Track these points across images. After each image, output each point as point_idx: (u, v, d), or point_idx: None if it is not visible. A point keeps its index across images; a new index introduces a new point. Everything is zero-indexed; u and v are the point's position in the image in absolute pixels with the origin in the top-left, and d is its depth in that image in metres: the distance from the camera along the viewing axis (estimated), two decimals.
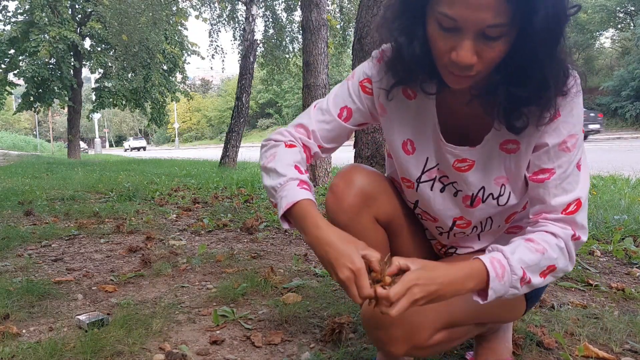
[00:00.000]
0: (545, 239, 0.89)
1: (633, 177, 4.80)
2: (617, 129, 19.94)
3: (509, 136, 0.93)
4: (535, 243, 0.88)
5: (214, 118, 51.67)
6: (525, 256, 0.86)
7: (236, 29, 11.11)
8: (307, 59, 5.45)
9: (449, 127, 0.99)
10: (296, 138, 1.05)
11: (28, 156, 19.61)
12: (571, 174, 0.91)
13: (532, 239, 0.89)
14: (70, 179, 7.05)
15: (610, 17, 24.43)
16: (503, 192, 0.99)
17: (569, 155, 0.90)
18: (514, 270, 0.85)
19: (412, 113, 1.01)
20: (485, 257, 0.86)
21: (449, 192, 1.04)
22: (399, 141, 1.05)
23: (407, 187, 1.09)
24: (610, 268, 2.13)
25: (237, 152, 9.10)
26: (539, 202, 0.93)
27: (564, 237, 0.90)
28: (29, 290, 1.86)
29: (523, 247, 0.88)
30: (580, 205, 0.91)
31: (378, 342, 0.96)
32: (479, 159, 0.98)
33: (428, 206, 1.08)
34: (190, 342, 1.45)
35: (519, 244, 0.89)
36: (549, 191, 0.91)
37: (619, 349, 1.33)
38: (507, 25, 0.75)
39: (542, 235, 0.90)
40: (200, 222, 3.37)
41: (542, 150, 0.91)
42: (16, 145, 34.57)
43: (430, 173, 1.04)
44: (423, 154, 1.03)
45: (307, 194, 0.93)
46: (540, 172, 0.92)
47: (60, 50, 14.52)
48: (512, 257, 0.86)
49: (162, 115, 17.69)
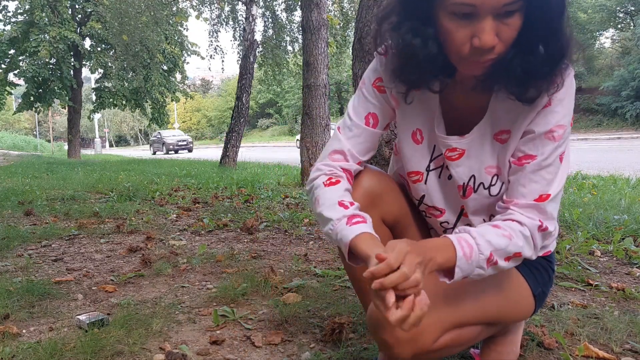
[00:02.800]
0: (510, 226, 0.90)
1: (633, 177, 4.80)
2: (617, 129, 19.93)
3: (503, 126, 0.95)
4: (502, 229, 0.90)
5: (214, 118, 51.67)
6: (493, 239, 0.87)
7: (236, 29, 11.11)
8: (307, 59, 5.45)
9: (446, 119, 1.02)
10: (334, 167, 1.05)
11: (28, 156, 19.61)
12: (552, 163, 0.92)
13: (498, 225, 0.91)
14: (70, 179, 7.05)
15: (610, 17, 24.41)
16: (495, 182, 1.00)
17: (554, 144, 0.91)
18: (482, 250, 0.86)
19: (421, 104, 1.04)
20: (453, 237, 0.87)
21: (443, 176, 1.07)
22: (410, 131, 1.07)
23: (414, 181, 1.09)
24: (611, 268, 2.13)
25: (237, 152, 9.11)
26: (514, 185, 0.94)
27: (529, 226, 0.91)
28: (29, 290, 1.86)
29: (491, 231, 0.89)
30: (551, 197, 0.92)
31: (384, 344, 0.93)
32: (469, 148, 0.99)
33: (435, 198, 1.08)
34: (190, 342, 1.45)
35: (486, 228, 0.90)
36: (526, 175, 0.93)
37: (619, 349, 1.33)
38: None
39: (508, 223, 0.91)
40: (201, 222, 3.37)
41: (528, 137, 0.93)
42: (16, 145, 34.56)
43: (438, 161, 1.06)
44: (431, 142, 1.05)
45: (357, 230, 0.90)
46: (524, 157, 0.94)
47: (61, 50, 14.53)
48: (479, 237, 0.87)
49: (163, 115, 17.69)
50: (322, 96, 5.48)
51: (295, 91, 35.12)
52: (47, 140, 45.61)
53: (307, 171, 5.39)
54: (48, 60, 15.05)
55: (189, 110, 55.19)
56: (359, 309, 1.64)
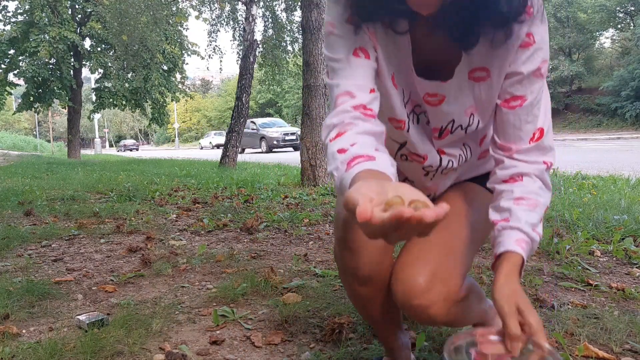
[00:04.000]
0: (529, 190, 0.92)
1: (633, 177, 4.80)
2: (617, 129, 19.94)
3: (477, 64, 0.92)
4: (527, 200, 0.91)
5: (214, 118, 51.68)
6: (530, 218, 0.89)
7: (236, 29, 11.11)
8: (307, 59, 5.45)
9: (422, 63, 0.96)
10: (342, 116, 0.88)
11: (28, 156, 19.61)
12: (541, 99, 0.92)
13: (522, 196, 0.91)
14: (70, 179, 7.05)
15: (610, 17, 24.42)
16: (472, 122, 0.99)
17: (541, 81, 0.91)
18: (533, 239, 0.89)
19: (396, 47, 0.96)
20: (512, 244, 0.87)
21: (422, 122, 1.03)
22: (389, 74, 0.98)
23: (396, 127, 1.03)
24: (610, 268, 2.13)
25: (237, 152, 9.11)
26: (508, 129, 0.94)
27: (539, 175, 0.93)
28: (29, 290, 1.86)
29: (524, 210, 0.90)
30: (545, 131, 0.93)
31: (418, 311, 0.94)
32: (450, 92, 0.96)
33: (417, 145, 1.04)
34: (190, 342, 1.45)
35: (517, 209, 0.90)
36: (518, 117, 0.92)
37: (619, 349, 1.33)
38: None
39: (523, 186, 0.92)
40: (200, 222, 3.37)
41: (515, 78, 0.91)
42: (16, 145, 34.56)
43: (412, 105, 1.01)
44: (407, 87, 0.99)
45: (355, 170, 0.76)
46: (512, 99, 0.92)
47: (60, 51, 14.51)
48: (526, 227, 0.88)
49: (163, 116, 17.69)
50: (322, 96, 5.48)
51: (295, 91, 35.13)
52: (47, 140, 45.63)
53: (307, 171, 5.39)
54: (48, 61, 15.05)
55: (189, 110, 55.22)
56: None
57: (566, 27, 25.34)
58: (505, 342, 0.78)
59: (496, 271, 0.86)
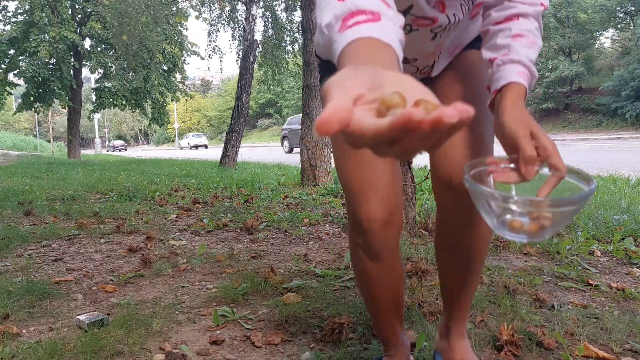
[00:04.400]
0: (527, 29, 0.91)
1: (633, 177, 4.80)
2: (617, 129, 19.94)
3: None
4: (525, 37, 0.90)
5: (214, 118, 51.70)
6: (530, 54, 0.89)
7: (236, 29, 11.11)
8: (307, 59, 5.45)
9: None
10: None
11: (28, 156, 19.62)
12: None
13: (520, 34, 0.90)
14: (70, 179, 7.05)
15: (610, 17, 24.43)
16: None
17: None
18: (533, 74, 0.88)
19: None
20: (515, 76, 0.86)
21: None
22: None
23: None
24: (611, 268, 2.13)
25: (237, 152, 9.10)
26: None
27: (535, 16, 0.92)
28: (29, 290, 1.86)
29: (523, 46, 0.89)
30: None
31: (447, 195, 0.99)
32: None
33: (423, 7, 0.96)
34: (190, 342, 1.45)
35: (517, 45, 0.89)
36: None
37: (619, 349, 1.33)
38: None
39: (519, 24, 0.91)
40: (200, 222, 3.37)
41: None
42: (16, 145, 34.57)
43: None
44: None
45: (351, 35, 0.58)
46: None
47: (60, 51, 14.52)
48: (526, 61, 0.87)
49: (163, 115, 17.69)
50: None
51: (295, 91, 35.13)
52: (47, 140, 45.63)
53: (307, 171, 5.39)
54: (48, 61, 15.06)
55: (189, 110, 55.25)
56: (359, 308, 1.64)
57: (566, 27, 25.34)
58: (520, 166, 0.76)
59: (500, 102, 0.85)
